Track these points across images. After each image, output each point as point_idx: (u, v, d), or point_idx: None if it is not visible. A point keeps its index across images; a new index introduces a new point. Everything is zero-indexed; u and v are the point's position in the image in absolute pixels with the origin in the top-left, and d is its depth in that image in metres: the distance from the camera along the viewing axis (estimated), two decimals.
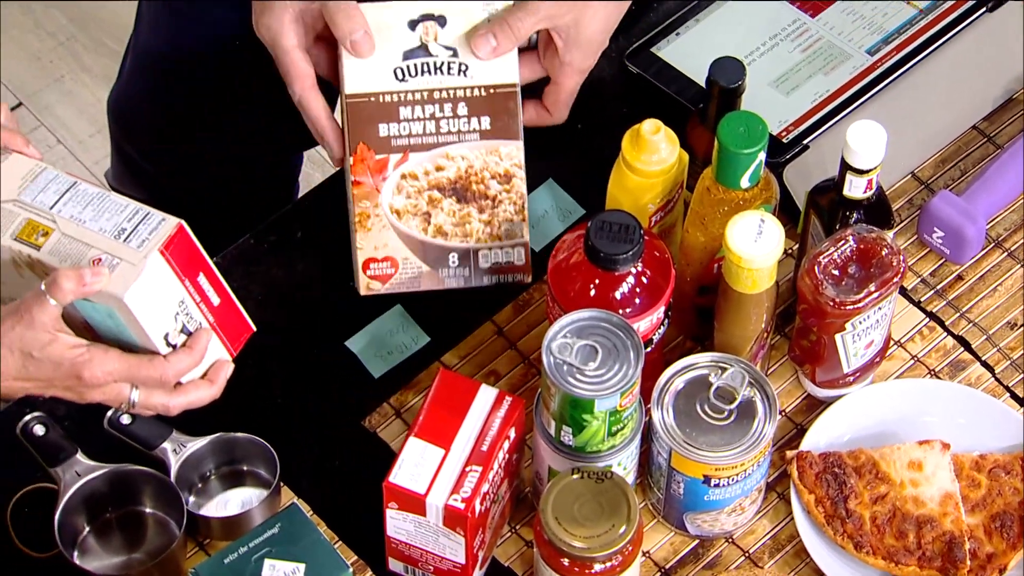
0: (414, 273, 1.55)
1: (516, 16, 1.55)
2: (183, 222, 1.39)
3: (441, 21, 1.58)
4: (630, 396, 1.43)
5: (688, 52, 1.76)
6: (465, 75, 1.57)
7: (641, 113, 1.55)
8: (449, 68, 1.57)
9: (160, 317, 1.40)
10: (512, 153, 1.57)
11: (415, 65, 1.57)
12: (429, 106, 1.57)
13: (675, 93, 1.73)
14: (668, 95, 1.73)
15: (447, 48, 1.58)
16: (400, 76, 1.57)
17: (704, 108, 1.59)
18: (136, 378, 1.40)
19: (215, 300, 1.43)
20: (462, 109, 1.57)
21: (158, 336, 1.40)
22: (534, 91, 1.62)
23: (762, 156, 1.49)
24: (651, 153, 1.50)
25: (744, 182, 1.50)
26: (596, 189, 1.57)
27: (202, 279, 1.42)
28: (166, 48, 1.90)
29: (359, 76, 1.56)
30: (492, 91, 1.57)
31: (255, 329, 1.48)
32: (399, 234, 1.55)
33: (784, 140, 1.70)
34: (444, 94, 1.57)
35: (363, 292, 1.56)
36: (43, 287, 1.35)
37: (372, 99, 1.56)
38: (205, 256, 1.42)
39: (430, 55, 1.57)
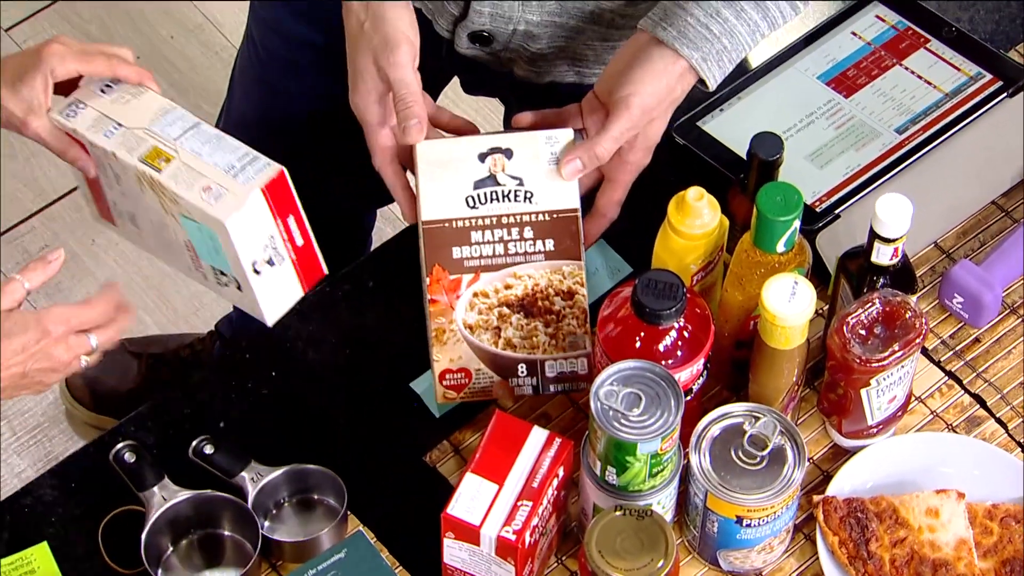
0: (486, 383, 1.55)
1: (603, 146, 1.55)
2: (284, 169, 1.46)
3: (508, 153, 1.59)
4: (670, 441, 1.42)
5: (731, 126, 1.75)
6: (530, 201, 1.58)
7: (686, 181, 1.55)
8: (516, 196, 1.58)
9: (252, 245, 1.46)
10: (574, 272, 1.57)
11: (485, 193, 1.57)
12: (498, 230, 1.57)
13: (718, 163, 1.73)
14: (711, 165, 1.73)
15: (514, 178, 1.58)
16: (471, 204, 1.57)
17: (744, 178, 1.59)
18: (83, 318, 1.42)
19: (299, 241, 1.49)
20: (528, 232, 1.57)
21: (247, 261, 1.46)
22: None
23: (797, 224, 1.48)
24: (695, 218, 1.50)
25: (780, 247, 1.49)
26: (643, 249, 1.57)
27: (291, 220, 1.48)
28: (256, 116, 1.92)
29: (434, 204, 1.57)
30: (555, 216, 1.57)
31: (327, 272, 1.53)
32: (472, 347, 1.55)
33: (817, 209, 1.69)
34: (511, 219, 1.57)
35: (439, 401, 1.56)
36: (16, 275, 1.42)
37: (446, 225, 1.56)
38: (297, 203, 1.48)
39: (498, 184, 1.58)
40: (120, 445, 1.52)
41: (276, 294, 1.50)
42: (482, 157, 1.59)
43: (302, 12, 1.82)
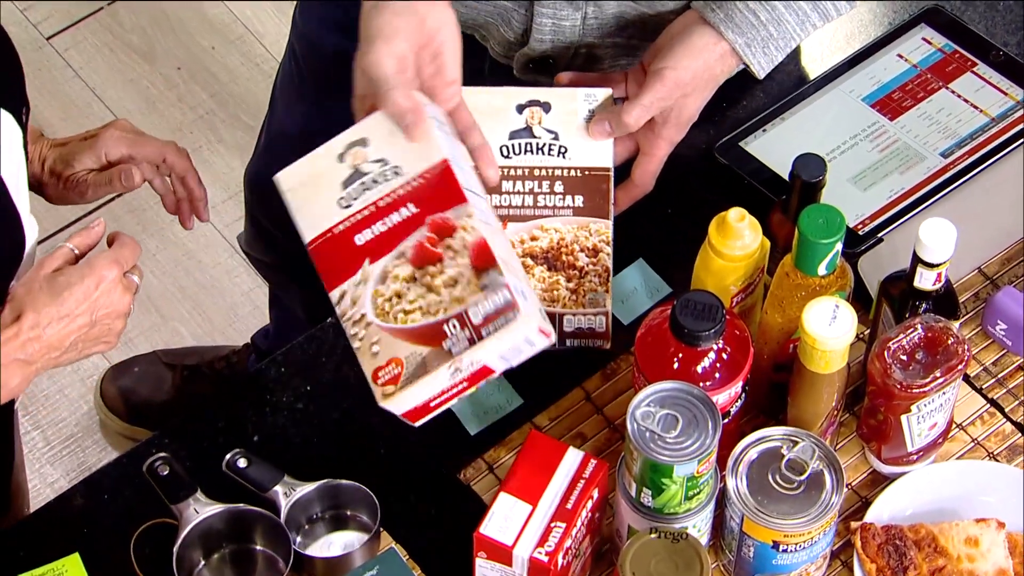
0: None
1: (632, 114, 1.57)
2: None
3: (546, 107, 1.60)
4: (707, 464, 1.42)
5: (773, 147, 1.75)
6: (563, 156, 1.59)
7: (728, 202, 1.55)
8: (550, 149, 1.59)
9: None
10: (601, 230, 1.57)
11: (520, 144, 1.59)
12: (529, 182, 1.58)
13: (760, 184, 1.72)
14: (753, 186, 1.73)
15: (549, 131, 1.59)
16: (505, 153, 1.59)
17: (786, 199, 1.58)
18: (126, 255, 1.47)
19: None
20: (559, 187, 1.58)
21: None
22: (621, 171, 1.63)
23: (839, 246, 1.48)
24: (735, 239, 1.50)
25: (821, 270, 1.49)
26: (683, 270, 1.57)
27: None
28: (297, 130, 1.92)
29: None
30: (587, 173, 1.58)
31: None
32: None
33: (860, 232, 1.69)
34: (543, 172, 1.58)
35: None
36: (65, 242, 1.47)
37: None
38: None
39: (534, 136, 1.59)
40: (154, 457, 1.53)
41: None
42: (520, 108, 1.60)
43: (344, 27, 1.82)
